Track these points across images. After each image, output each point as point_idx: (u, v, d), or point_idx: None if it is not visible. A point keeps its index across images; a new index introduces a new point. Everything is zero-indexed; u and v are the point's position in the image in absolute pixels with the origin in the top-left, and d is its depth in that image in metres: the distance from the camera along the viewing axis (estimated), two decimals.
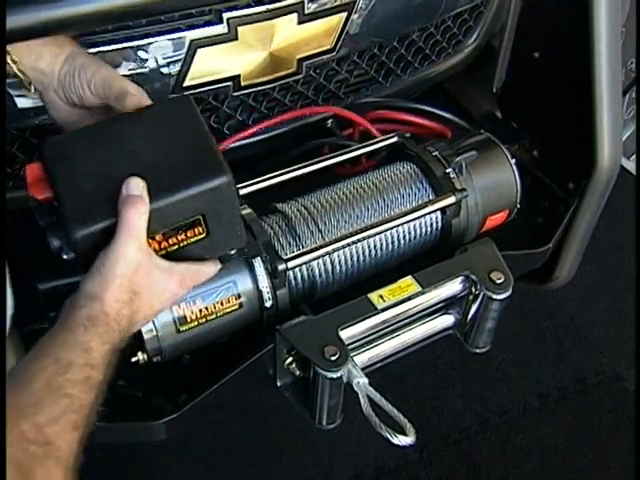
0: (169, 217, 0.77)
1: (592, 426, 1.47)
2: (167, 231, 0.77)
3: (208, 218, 0.79)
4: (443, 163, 1.10)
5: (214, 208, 0.79)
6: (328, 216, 1.04)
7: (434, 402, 1.48)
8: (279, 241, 1.01)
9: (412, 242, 1.10)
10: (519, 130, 1.33)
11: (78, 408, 0.67)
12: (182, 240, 0.79)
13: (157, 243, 0.77)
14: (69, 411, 0.66)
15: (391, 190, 1.09)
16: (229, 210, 0.80)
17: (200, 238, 0.80)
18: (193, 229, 0.79)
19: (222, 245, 0.83)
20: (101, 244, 0.74)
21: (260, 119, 1.24)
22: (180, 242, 0.79)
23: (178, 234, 0.78)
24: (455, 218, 1.10)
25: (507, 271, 1.03)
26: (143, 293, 0.75)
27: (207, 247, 0.82)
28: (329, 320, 0.95)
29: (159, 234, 0.77)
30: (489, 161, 1.15)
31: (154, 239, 0.77)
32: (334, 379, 0.91)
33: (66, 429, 0.65)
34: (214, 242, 0.82)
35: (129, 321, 0.75)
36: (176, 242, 0.79)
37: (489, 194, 1.13)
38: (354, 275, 1.07)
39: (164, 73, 1.06)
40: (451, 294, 1.05)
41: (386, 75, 1.33)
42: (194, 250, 0.81)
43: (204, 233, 0.80)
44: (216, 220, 0.80)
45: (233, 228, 0.82)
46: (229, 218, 0.81)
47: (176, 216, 0.77)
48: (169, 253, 0.79)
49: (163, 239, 0.77)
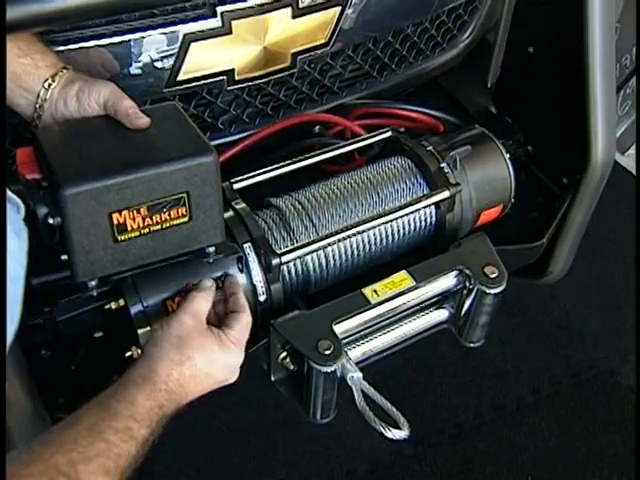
0: (155, 189, 0.79)
1: (586, 421, 1.47)
2: (152, 205, 0.80)
3: (192, 199, 0.82)
4: (437, 158, 1.11)
5: (198, 188, 0.82)
6: (322, 211, 1.05)
7: (428, 397, 1.48)
8: (273, 235, 1.01)
9: (406, 237, 1.10)
10: (513, 125, 1.34)
11: (114, 455, 0.70)
12: (165, 220, 0.81)
13: (141, 218, 0.80)
14: (104, 456, 0.69)
15: (385, 185, 1.10)
16: (212, 193, 0.83)
17: (183, 221, 0.82)
18: (177, 208, 0.81)
19: (203, 236, 0.85)
20: (88, 208, 0.76)
21: (254, 114, 1.24)
22: (163, 222, 0.81)
23: (162, 212, 0.80)
24: (449, 213, 1.11)
25: (501, 266, 1.04)
26: (197, 358, 0.80)
27: (187, 235, 0.84)
28: (323, 315, 0.96)
29: (144, 207, 0.79)
30: (483, 156, 1.16)
31: (139, 212, 0.79)
32: (328, 373, 0.91)
33: (98, 471, 0.68)
34: (195, 230, 0.84)
35: (178, 383, 0.78)
36: (159, 221, 0.81)
37: (483, 189, 1.14)
38: (348, 270, 1.08)
39: (158, 67, 1.07)
40: (445, 289, 1.05)
41: (380, 70, 1.34)
42: (174, 237, 0.83)
43: (187, 216, 0.82)
44: (199, 203, 0.82)
45: (214, 217, 0.85)
46: (211, 204, 0.83)
47: (162, 189, 0.80)
48: (152, 232, 0.81)
49: (148, 215, 0.80)
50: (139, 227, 0.80)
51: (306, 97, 1.29)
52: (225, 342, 0.83)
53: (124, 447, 0.71)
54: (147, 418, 0.74)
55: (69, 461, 0.67)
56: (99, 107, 0.86)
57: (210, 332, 0.83)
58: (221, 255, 0.90)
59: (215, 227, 0.85)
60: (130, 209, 0.79)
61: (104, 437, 0.70)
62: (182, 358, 0.79)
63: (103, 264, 0.81)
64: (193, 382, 0.80)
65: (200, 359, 0.80)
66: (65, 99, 0.86)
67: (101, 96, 0.86)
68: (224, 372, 0.83)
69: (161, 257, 0.84)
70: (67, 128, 0.86)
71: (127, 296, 0.90)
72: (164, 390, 0.77)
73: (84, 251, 0.79)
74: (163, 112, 0.90)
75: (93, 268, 0.80)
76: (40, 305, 0.93)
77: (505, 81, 1.37)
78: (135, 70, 1.05)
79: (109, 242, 0.79)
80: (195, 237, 0.84)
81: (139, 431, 0.73)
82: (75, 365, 0.99)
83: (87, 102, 0.86)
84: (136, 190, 0.78)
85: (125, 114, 0.84)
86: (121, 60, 1.04)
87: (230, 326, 0.85)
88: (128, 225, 0.79)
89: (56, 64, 0.88)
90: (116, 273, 0.83)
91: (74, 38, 1.00)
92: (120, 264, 0.82)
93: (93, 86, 0.87)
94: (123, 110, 0.84)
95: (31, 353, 0.90)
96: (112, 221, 0.78)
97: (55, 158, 0.79)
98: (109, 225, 0.78)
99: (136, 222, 0.79)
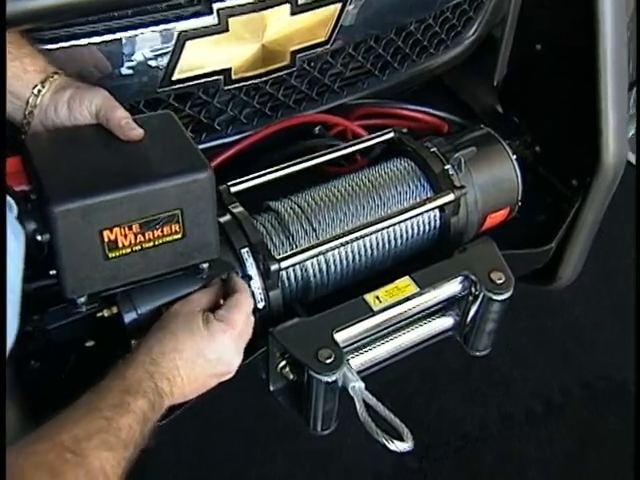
0: (148, 205, 0.80)
1: (598, 433, 1.47)
2: (144, 222, 0.80)
3: (186, 215, 0.82)
4: (441, 159, 1.12)
5: (193, 205, 0.82)
6: (322, 214, 1.06)
7: (433, 407, 1.48)
8: (272, 240, 1.02)
9: (409, 241, 1.11)
10: (520, 125, 1.34)
11: (114, 430, 0.73)
12: (158, 237, 0.82)
13: (133, 235, 0.80)
14: (104, 431, 0.73)
15: (388, 187, 1.10)
16: (206, 210, 0.84)
17: (176, 238, 0.83)
18: (170, 225, 0.82)
19: (196, 253, 0.86)
20: (78, 226, 0.77)
21: (252, 114, 1.25)
22: (156, 239, 0.82)
23: (155, 228, 0.81)
24: (454, 216, 1.11)
25: (508, 271, 1.05)
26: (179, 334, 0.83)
27: (181, 252, 0.84)
28: (324, 322, 0.97)
29: (136, 224, 0.80)
30: (489, 157, 1.17)
31: (131, 229, 0.80)
32: (329, 383, 0.92)
33: (100, 447, 0.71)
34: (188, 247, 0.85)
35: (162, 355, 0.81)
36: (152, 238, 0.81)
37: (489, 191, 1.15)
38: (349, 275, 1.08)
39: (152, 66, 1.07)
40: (450, 295, 1.06)
41: (382, 68, 1.34)
42: (167, 253, 0.84)
43: (180, 232, 0.83)
44: (193, 220, 0.83)
45: (208, 234, 0.85)
46: (206, 221, 0.84)
47: (155, 206, 0.80)
48: (144, 250, 0.82)
49: (140, 231, 0.80)
50: (131, 244, 0.81)
51: (306, 97, 1.29)
52: (211, 319, 0.85)
53: (123, 421, 0.74)
54: (140, 390, 0.77)
55: (73, 438, 0.70)
56: (91, 116, 0.87)
57: (199, 314, 0.85)
58: (215, 271, 0.91)
59: (209, 243, 0.86)
60: (121, 226, 0.79)
61: (102, 414, 0.74)
62: (164, 334, 0.83)
63: (93, 281, 0.81)
64: (178, 356, 0.82)
65: (184, 335, 0.83)
66: (56, 106, 0.87)
67: (93, 104, 0.86)
68: (211, 348, 0.84)
69: (153, 274, 0.85)
70: (57, 137, 0.86)
71: (120, 304, 0.90)
72: (148, 362, 0.80)
73: (73, 268, 0.79)
74: (158, 122, 0.90)
75: (82, 285, 0.81)
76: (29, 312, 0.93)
77: (512, 79, 1.37)
78: (128, 70, 1.06)
79: (99, 259, 0.80)
80: (188, 253, 0.85)
81: (135, 403, 0.76)
82: (65, 375, 0.99)
83: (78, 110, 0.86)
84: (128, 207, 0.79)
85: (117, 125, 0.85)
86: (114, 59, 1.04)
87: (220, 307, 0.87)
88: (119, 242, 0.80)
89: (46, 69, 0.89)
90: (106, 289, 0.84)
91: (65, 36, 1.00)
92: (110, 281, 0.83)
93: (85, 94, 0.87)
94: (116, 121, 0.85)
95: (20, 363, 0.90)
96: (103, 238, 0.79)
97: (44, 171, 0.79)
98: (99, 242, 0.79)
99: (128, 239, 0.80)
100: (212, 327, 0.84)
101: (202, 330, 0.84)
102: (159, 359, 0.81)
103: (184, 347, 0.82)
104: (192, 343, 0.83)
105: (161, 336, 0.83)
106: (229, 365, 0.87)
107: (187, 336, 0.83)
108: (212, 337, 0.84)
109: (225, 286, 0.92)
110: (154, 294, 0.91)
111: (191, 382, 0.83)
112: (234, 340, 0.86)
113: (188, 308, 0.86)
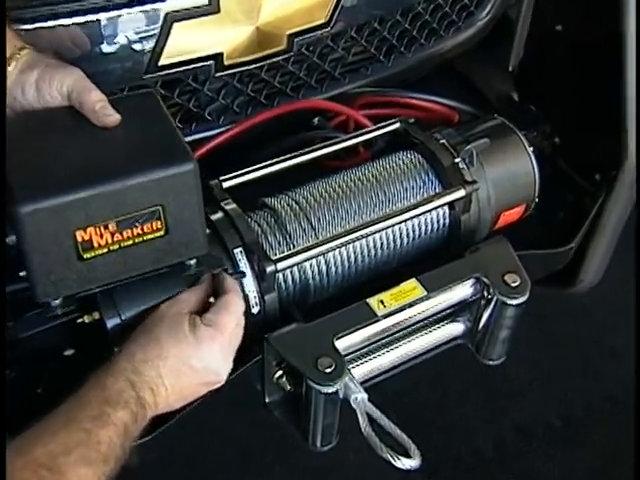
0: (125, 203, 0.80)
1: (623, 451, 1.47)
2: (122, 220, 0.81)
3: (168, 211, 0.83)
4: (451, 152, 1.14)
5: (175, 200, 0.83)
6: (322, 212, 1.07)
7: (442, 421, 1.50)
8: (267, 240, 1.04)
9: (416, 241, 1.13)
10: (538, 114, 1.36)
11: (94, 444, 0.74)
12: (138, 235, 0.83)
13: (110, 234, 0.81)
14: (84, 445, 0.74)
15: (393, 183, 1.12)
16: (191, 204, 0.84)
17: (158, 235, 0.84)
18: (151, 222, 0.82)
19: (181, 249, 0.87)
20: (48, 227, 0.77)
21: (246, 103, 1.26)
22: (135, 237, 0.82)
23: (134, 226, 0.82)
24: (465, 214, 1.13)
25: (524, 273, 1.06)
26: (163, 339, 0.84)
27: (164, 249, 0.85)
28: (324, 328, 0.98)
29: (113, 222, 0.81)
30: (504, 149, 1.18)
31: (107, 228, 0.80)
32: (329, 394, 0.93)
33: (79, 462, 0.72)
34: (173, 244, 0.85)
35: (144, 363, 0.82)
36: (130, 236, 0.82)
37: (503, 187, 1.17)
38: (351, 278, 1.10)
39: (136, 50, 1.08)
40: (460, 299, 1.08)
41: (388, 53, 1.36)
42: (149, 252, 0.84)
43: (162, 229, 0.84)
44: (177, 216, 0.84)
45: (194, 229, 0.86)
46: (191, 216, 0.85)
47: (133, 203, 0.81)
48: (122, 249, 0.82)
49: (117, 230, 0.81)
50: (107, 244, 0.81)
51: (304, 84, 1.30)
52: (197, 324, 0.86)
53: (103, 434, 0.75)
54: (121, 400, 0.78)
55: (49, 453, 0.71)
56: (62, 97, 0.86)
57: (185, 316, 0.86)
58: (203, 268, 0.92)
59: (196, 239, 0.87)
60: (96, 225, 0.80)
61: (81, 426, 0.74)
62: (147, 339, 0.84)
63: (67, 283, 0.82)
64: (162, 364, 0.83)
65: (168, 342, 0.84)
66: (23, 87, 0.85)
67: (64, 85, 0.85)
68: (198, 355, 0.85)
69: (134, 273, 0.86)
70: (25, 123, 0.86)
71: (102, 308, 0.91)
72: (130, 370, 0.81)
73: (44, 271, 0.80)
74: (137, 104, 0.90)
75: (56, 288, 0.82)
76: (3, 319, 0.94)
77: (529, 64, 1.39)
78: (110, 53, 1.06)
79: (73, 260, 0.80)
80: (173, 250, 0.86)
81: (116, 415, 0.77)
82: (42, 388, 0.99)
83: (48, 92, 0.85)
84: (103, 205, 0.79)
85: (91, 109, 0.84)
86: (94, 42, 1.05)
87: (208, 310, 0.88)
88: (94, 242, 0.81)
89: (12, 43, 0.87)
90: (83, 291, 0.84)
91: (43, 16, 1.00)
92: (87, 282, 0.83)
93: (55, 73, 0.85)
94: (89, 104, 0.84)
95: None
96: (76, 239, 0.79)
97: (11, 165, 0.79)
98: (73, 243, 0.80)
99: (104, 239, 0.81)
100: (199, 333, 0.85)
101: (188, 336, 0.85)
102: (141, 367, 0.82)
103: (168, 355, 0.83)
104: (177, 350, 0.84)
105: (144, 342, 0.84)
106: (217, 374, 0.88)
107: (172, 343, 0.84)
108: (199, 344, 0.85)
109: (215, 283, 0.93)
110: (139, 297, 0.92)
111: (176, 392, 0.84)
112: (223, 347, 0.87)
113: (174, 310, 0.88)
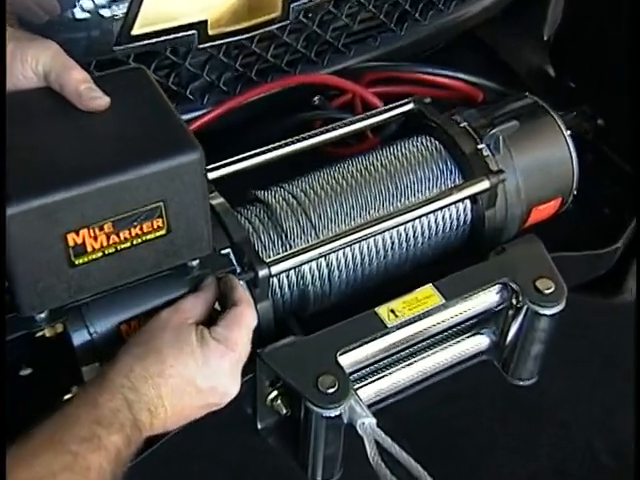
0: (123, 200, 0.83)
1: None
2: (119, 220, 0.84)
3: (170, 208, 0.86)
4: (474, 137, 1.17)
5: (179, 194, 0.86)
6: (324, 207, 1.11)
7: (465, 452, 1.51)
8: (260, 239, 1.07)
9: (433, 240, 1.16)
10: (578, 91, 1.39)
11: (82, 469, 0.76)
12: (136, 235, 0.86)
13: (105, 236, 0.84)
14: (69, 470, 0.76)
15: (406, 173, 1.15)
16: (197, 199, 0.87)
17: (159, 235, 0.87)
18: (151, 221, 0.85)
19: (184, 250, 0.90)
20: (35, 230, 0.80)
21: (234, 80, 1.29)
22: (133, 238, 0.85)
23: (132, 226, 0.85)
24: (490, 209, 1.16)
25: (559, 278, 1.10)
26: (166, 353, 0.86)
27: (165, 250, 0.89)
28: (325, 342, 1.02)
29: (109, 222, 0.83)
30: (536, 133, 1.22)
31: (102, 229, 0.83)
32: (332, 419, 0.96)
33: None
34: (175, 244, 0.89)
35: (144, 380, 0.84)
36: (128, 237, 0.85)
37: (535, 177, 1.20)
38: (357, 283, 1.13)
39: (105, 17, 1.11)
40: (485, 308, 1.11)
41: (400, 21, 1.38)
42: (148, 254, 0.88)
43: (164, 228, 0.87)
44: (180, 212, 0.87)
45: (199, 227, 0.89)
46: (196, 211, 0.88)
47: (131, 199, 0.83)
48: (119, 252, 0.86)
49: (113, 231, 0.84)
50: (102, 247, 0.84)
51: (302, 58, 1.34)
52: (206, 338, 0.89)
53: (93, 459, 0.77)
54: (115, 422, 0.80)
55: (33, 477, 0.73)
56: (38, 78, 0.87)
57: (191, 328, 0.89)
58: (208, 270, 0.95)
59: (200, 238, 0.90)
60: (90, 227, 0.82)
61: (67, 448, 0.76)
62: (147, 352, 0.86)
63: (56, 294, 0.84)
64: (164, 382, 0.86)
65: (172, 357, 0.86)
66: None
67: (40, 64, 0.87)
68: (204, 374, 0.88)
69: (132, 278, 0.89)
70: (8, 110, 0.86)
71: (68, 320, 0.92)
72: (127, 387, 0.83)
73: (31, 281, 0.82)
74: (127, 81, 0.92)
75: (43, 300, 0.84)
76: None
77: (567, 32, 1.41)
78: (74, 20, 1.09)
79: (63, 267, 0.83)
80: (175, 252, 0.89)
81: (108, 439, 0.79)
82: None
83: (21, 71, 0.87)
84: (97, 203, 0.81)
85: (74, 92, 0.86)
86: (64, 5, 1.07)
87: (217, 323, 0.91)
88: (88, 246, 0.83)
89: None
90: (74, 302, 0.87)
91: None
92: (78, 291, 0.86)
93: (27, 49, 0.87)
94: (72, 86, 0.85)
95: None
96: (67, 243, 0.81)
97: None
98: (63, 248, 0.82)
99: (98, 241, 0.83)
100: (208, 348, 0.88)
101: (195, 352, 0.87)
102: (140, 385, 0.84)
103: (172, 372, 0.86)
104: (182, 368, 0.87)
105: (144, 355, 0.86)
106: (223, 395, 0.91)
107: (176, 358, 0.86)
108: (207, 361, 0.88)
109: (221, 287, 0.96)
110: (113, 306, 0.94)
111: (176, 413, 0.88)
112: (232, 365, 0.90)
113: (178, 319, 0.90)
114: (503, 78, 1.44)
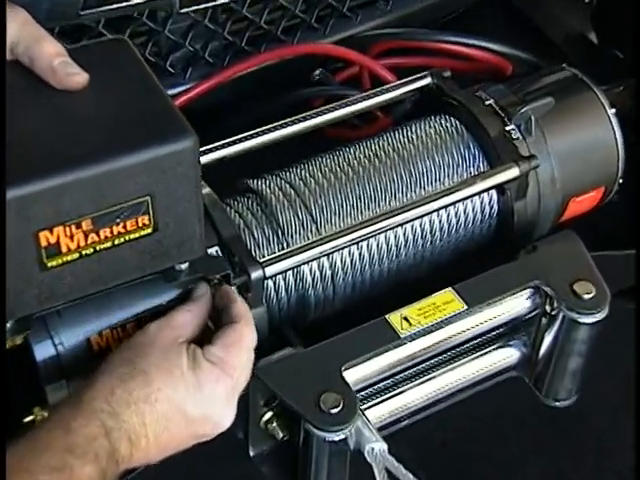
0: (104, 193, 0.83)
1: None
2: (99, 216, 0.84)
3: (158, 203, 0.87)
4: (501, 116, 1.18)
5: (168, 187, 0.87)
6: (326, 198, 1.12)
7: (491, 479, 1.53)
8: (253, 236, 1.09)
9: (453, 237, 1.18)
10: (624, 62, 1.40)
11: None
12: (118, 234, 0.87)
13: (83, 235, 0.85)
14: None
15: (422, 159, 1.17)
16: (188, 192, 0.89)
17: (144, 234, 0.88)
18: (135, 218, 0.87)
19: (172, 251, 0.92)
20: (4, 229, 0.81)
21: (222, 50, 1.31)
22: (115, 237, 0.87)
23: (114, 223, 0.86)
24: (519, 200, 1.18)
25: (601, 281, 1.11)
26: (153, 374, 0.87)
27: (151, 252, 0.90)
28: (328, 354, 1.03)
29: (87, 219, 0.85)
30: (575, 112, 1.24)
31: (79, 227, 0.84)
32: (336, 443, 0.98)
33: None
34: (162, 245, 0.90)
35: (126, 406, 0.85)
36: (109, 236, 0.86)
37: (574, 164, 1.22)
38: (365, 286, 1.15)
39: None
40: (514, 316, 1.13)
41: None
42: (132, 255, 0.89)
43: (150, 226, 0.88)
44: (169, 208, 0.88)
45: (190, 225, 0.91)
46: (187, 207, 0.90)
47: (113, 194, 0.84)
48: (98, 252, 0.87)
49: (92, 229, 0.85)
50: (79, 247, 0.85)
51: (301, 24, 1.36)
52: (199, 360, 0.90)
53: None
54: (90, 451, 0.81)
55: None
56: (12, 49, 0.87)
57: (182, 347, 0.91)
58: (199, 274, 0.97)
59: (191, 237, 0.92)
60: (66, 224, 0.83)
61: (35, 478, 0.78)
62: (132, 373, 0.87)
63: (24, 301, 0.85)
64: (149, 409, 0.87)
65: (160, 379, 0.88)
66: None
67: (5, 34, 0.87)
68: (196, 401, 0.89)
69: (112, 284, 0.91)
70: None
71: (30, 331, 0.93)
72: (107, 412, 0.84)
73: None
74: (106, 55, 0.93)
75: (9, 307, 0.85)
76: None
77: None
78: None
79: (34, 271, 0.84)
80: (162, 253, 0.91)
81: (82, 469, 0.80)
82: None
83: None
84: (74, 197, 0.82)
85: (48, 67, 0.86)
86: None
87: (212, 342, 0.93)
88: (63, 246, 0.84)
89: None
90: (44, 310, 0.88)
91: None
92: (50, 298, 0.87)
93: None
94: (44, 61, 0.86)
95: None
96: (39, 242, 0.82)
97: None
98: (35, 248, 0.82)
99: (75, 241, 0.84)
100: (201, 371, 0.89)
101: (186, 375, 0.89)
102: (122, 410, 0.85)
103: (159, 397, 0.87)
104: (171, 392, 0.88)
105: (126, 375, 0.87)
106: (216, 425, 0.93)
107: (164, 381, 0.87)
108: (200, 387, 0.89)
109: (216, 297, 0.98)
110: (83, 314, 0.96)
111: (160, 444, 0.89)
112: (228, 391, 0.92)
113: (168, 337, 0.91)
114: (536, 47, 1.45)
